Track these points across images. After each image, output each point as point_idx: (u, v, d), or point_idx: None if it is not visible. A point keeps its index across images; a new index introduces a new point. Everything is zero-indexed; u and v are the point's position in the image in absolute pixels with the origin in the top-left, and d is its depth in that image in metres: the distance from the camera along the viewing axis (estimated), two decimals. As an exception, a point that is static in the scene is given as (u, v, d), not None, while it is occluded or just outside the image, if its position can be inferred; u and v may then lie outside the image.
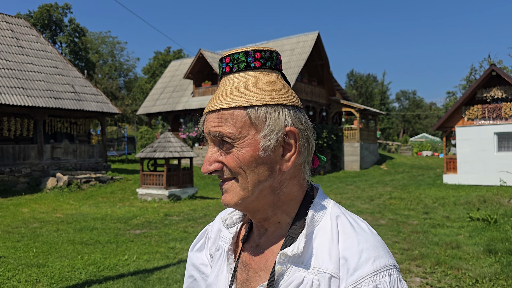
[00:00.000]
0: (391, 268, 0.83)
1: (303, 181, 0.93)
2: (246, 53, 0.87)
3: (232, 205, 0.89)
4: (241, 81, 0.87)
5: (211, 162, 0.88)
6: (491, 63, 20.97)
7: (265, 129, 0.85)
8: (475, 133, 18.99)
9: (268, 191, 0.88)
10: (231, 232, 1.01)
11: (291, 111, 0.87)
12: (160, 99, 28.39)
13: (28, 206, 12.33)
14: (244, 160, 0.85)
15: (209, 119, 0.88)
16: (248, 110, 0.85)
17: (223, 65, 0.89)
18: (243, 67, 0.87)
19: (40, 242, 7.55)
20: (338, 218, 0.88)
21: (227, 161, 0.86)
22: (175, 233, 8.36)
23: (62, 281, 5.36)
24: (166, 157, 12.94)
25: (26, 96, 15.81)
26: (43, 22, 40.72)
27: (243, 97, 0.85)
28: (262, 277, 0.89)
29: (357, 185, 18.50)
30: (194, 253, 1.13)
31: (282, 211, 0.91)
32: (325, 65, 26.97)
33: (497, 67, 18.74)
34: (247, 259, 0.94)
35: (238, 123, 0.85)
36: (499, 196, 12.44)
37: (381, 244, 0.86)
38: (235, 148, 0.85)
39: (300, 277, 0.84)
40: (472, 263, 6.12)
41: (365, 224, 0.89)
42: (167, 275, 5.59)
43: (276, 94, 0.87)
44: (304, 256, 0.85)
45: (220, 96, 0.87)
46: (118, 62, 54.25)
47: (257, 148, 0.85)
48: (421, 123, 63.46)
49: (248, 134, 0.85)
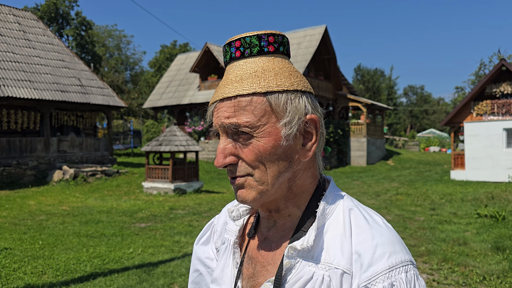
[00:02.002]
0: (408, 264, 0.78)
1: (317, 172, 0.89)
2: (259, 36, 0.82)
3: (250, 201, 0.83)
4: (256, 66, 0.82)
5: (226, 155, 0.81)
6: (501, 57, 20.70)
7: (287, 116, 0.80)
8: (483, 128, 18.79)
9: (286, 183, 0.84)
10: (238, 225, 0.97)
11: (309, 98, 0.84)
12: (166, 92, 28.39)
13: (35, 198, 12.40)
14: (265, 151, 0.79)
15: (221, 108, 0.81)
16: (268, 96, 0.80)
17: (232, 50, 0.83)
18: (256, 52, 0.82)
19: (46, 234, 7.58)
20: (351, 211, 0.84)
21: (245, 155, 0.80)
22: (180, 227, 8.36)
23: (68, 273, 5.37)
24: (172, 151, 12.93)
25: (32, 89, 15.85)
26: (50, 15, 40.78)
27: (262, 82, 0.80)
28: (270, 272, 0.85)
29: (363, 180, 18.42)
30: (199, 246, 1.10)
31: (294, 203, 0.87)
32: (332, 59, 26.79)
33: (507, 62, 18.51)
34: (254, 253, 0.90)
35: (257, 110, 0.79)
36: (508, 193, 12.31)
37: (397, 238, 0.81)
38: (255, 139, 0.80)
39: (309, 272, 0.80)
40: (480, 260, 6.05)
41: (380, 218, 0.85)
42: (172, 268, 5.58)
43: (294, 79, 0.83)
44: (314, 251, 0.81)
45: (233, 82, 0.81)
46: (124, 55, 54.32)
47: (278, 137, 0.80)
48: (429, 119, 63.05)
49: (268, 122, 0.80)
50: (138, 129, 31.24)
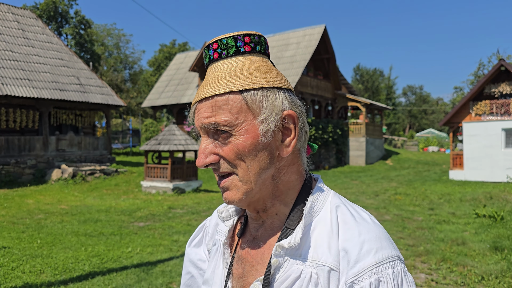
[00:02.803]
0: (395, 260, 0.78)
1: (301, 168, 0.89)
2: (235, 37, 0.84)
3: (236, 201, 0.84)
4: (232, 66, 0.83)
5: (206, 155, 0.83)
6: (500, 58, 20.71)
7: (263, 113, 0.81)
8: (482, 129, 18.80)
9: (269, 180, 0.85)
10: (227, 225, 0.97)
11: (286, 94, 0.85)
12: (165, 92, 28.36)
13: (33, 197, 12.38)
14: (244, 148, 0.81)
15: (201, 109, 0.83)
16: (243, 94, 0.81)
17: (210, 52, 0.85)
18: (232, 52, 0.84)
19: (45, 233, 7.57)
20: (338, 208, 0.84)
21: (225, 153, 0.82)
22: (178, 226, 8.35)
23: (66, 272, 5.36)
24: (171, 150, 12.92)
25: (31, 88, 15.82)
26: (49, 14, 40.68)
27: (238, 81, 0.81)
28: (259, 271, 0.86)
29: (362, 180, 18.43)
30: (191, 248, 1.10)
31: (280, 201, 0.87)
32: (331, 59, 26.77)
33: (506, 62, 18.51)
34: (244, 253, 0.91)
35: (233, 109, 0.81)
36: (506, 193, 12.32)
37: (384, 234, 0.81)
38: (234, 137, 0.81)
39: (297, 270, 0.80)
40: (478, 260, 6.05)
41: (367, 214, 0.85)
42: (170, 268, 5.57)
43: (270, 77, 0.84)
44: (302, 249, 0.82)
45: (211, 83, 0.83)
46: (123, 54, 54.20)
47: (256, 134, 0.81)
48: (428, 119, 63.07)
49: (246, 119, 0.81)
50: (137, 128, 31.23)
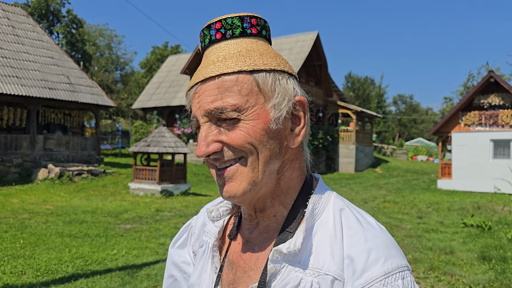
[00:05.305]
0: (404, 270, 0.71)
1: (303, 165, 0.82)
2: (241, 17, 0.76)
3: (240, 194, 0.74)
4: (238, 47, 0.75)
5: (209, 143, 0.73)
6: (489, 69, 20.98)
7: (275, 97, 0.74)
8: (471, 139, 18.98)
9: (274, 174, 0.77)
10: (217, 226, 0.88)
11: (295, 81, 0.78)
12: (156, 93, 28.21)
13: (18, 196, 12.15)
14: (255, 133, 0.72)
15: (204, 93, 0.73)
16: (255, 75, 0.73)
17: (212, 32, 0.76)
18: (238, 33, 0.76)
19: (28, 233, 7.41)
20: (342, 211, 0.77)
21: (231, 139, 0.72)
22: (166, 229, 8.24)
23: (48, 274, 5.23)
24: (160, 152, 12.79)
25: (20, 85, 15.59)
26: (41, 11, 40.32)
27: (248, 61, 0.73)
28: (252, 278, 0.77)
29: (351, 187, 18.45)
30: (175, 250, 1.02)
31: (280, 202, 0.79)
32: (323, 65, 26.88)
33: (496, 74, 18.75)
34: (235, 257, 0.82)
35: (244, 90, 0.72)
36: (494, 203, 12.41)
37: (392, 242, 0.74)
38: (243, 122, 0.72)
39: (296, 278, 0.72)
40: (466, 269, 6.05)
41: (373, 219, 0.78)
42: (156, 271, 5.47)
43: (280, 61, 0.77)
44: (301, 254, 0.74)
45: (215, 62, 0.74)
46: (115, 55, 53.89)
47: (267, 119, 0.73)
48: (417, 128, 63.64)
49: (256, 103, 0.73)
50: (127, 130, 30.98)
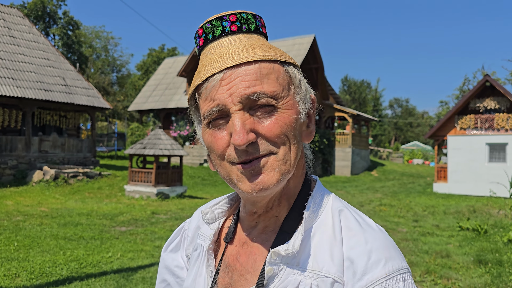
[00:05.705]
0: (405, 272, 0.70)
1: (305, 165, 0.81)
2: (254, 15, 0.76)
3: (272, 186, 0.69)
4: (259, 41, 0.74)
5: (247, 130, 0.68)
6: (485, 73, 21.08)
7: (302, 92, 0.74)
8: (467, 142, 19.05)
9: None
10: (212, 229, 0.86)
11: None
12: (152, 96, 28.16)
13: (13, 198, 12.07)
14: (290, 123, 0.71)
15: (236, 78, 0.69)
16: (286, 67, 0.73)
17: (225, 24, 0.73)
18: (253, 29, 0.75)
19: (22, 235, 7.35)
20: (341, 212, 0.75)
21: (267, 129, 0.69)
22: (161, 232, 8.20)
23: (42, 277, 5.19)
24: (156, 155, 12.75)
25: (15, 87, 15.51)
26: (37, 13, 40.19)
27: (278, 53, 0.73)
28: (249, 281, 0.76)
29: (347, 190, 18.46)
30: (168, 254, 0.99)
31: (286, 200, 0.78)
32: (320, 68, 26.93)
33: (491, 78, 18.84)
34: (231, 260, 0.80)
35: (280, 79, 0.71)
36: (489, 207, 12.45)
37: (392, 243, 0.73)
38: (279, 111, 0.70)
39: (295, 281, 0.71)
40: (462, 273, 6.05)
41: (372, 221, 0.77)
42: (151, 274, 5.43)
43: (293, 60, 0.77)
44: (300, 257, 0.72)
45: (247, 49, 0.71)
46: (111, 57, 53.81)
47: (298, 111, 0.73)
48: (413, 131, 63.85)
49: (289, 94, 0.72)
50: (123, 132, 30.89)
